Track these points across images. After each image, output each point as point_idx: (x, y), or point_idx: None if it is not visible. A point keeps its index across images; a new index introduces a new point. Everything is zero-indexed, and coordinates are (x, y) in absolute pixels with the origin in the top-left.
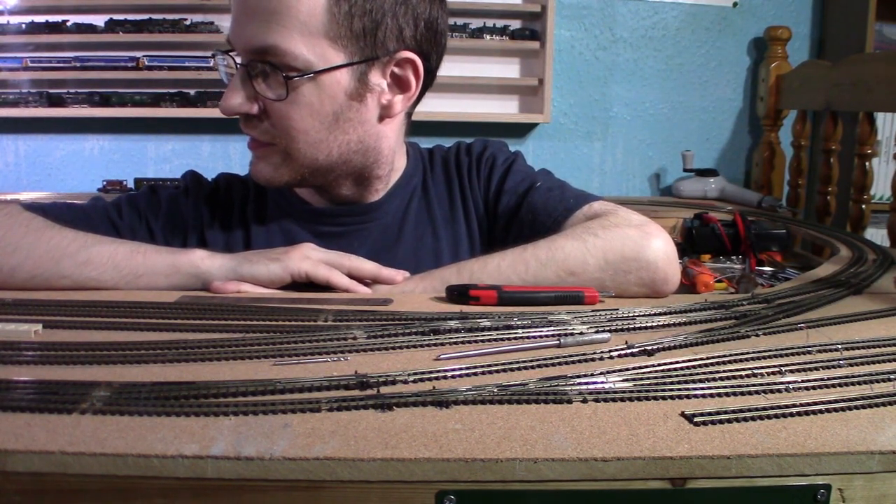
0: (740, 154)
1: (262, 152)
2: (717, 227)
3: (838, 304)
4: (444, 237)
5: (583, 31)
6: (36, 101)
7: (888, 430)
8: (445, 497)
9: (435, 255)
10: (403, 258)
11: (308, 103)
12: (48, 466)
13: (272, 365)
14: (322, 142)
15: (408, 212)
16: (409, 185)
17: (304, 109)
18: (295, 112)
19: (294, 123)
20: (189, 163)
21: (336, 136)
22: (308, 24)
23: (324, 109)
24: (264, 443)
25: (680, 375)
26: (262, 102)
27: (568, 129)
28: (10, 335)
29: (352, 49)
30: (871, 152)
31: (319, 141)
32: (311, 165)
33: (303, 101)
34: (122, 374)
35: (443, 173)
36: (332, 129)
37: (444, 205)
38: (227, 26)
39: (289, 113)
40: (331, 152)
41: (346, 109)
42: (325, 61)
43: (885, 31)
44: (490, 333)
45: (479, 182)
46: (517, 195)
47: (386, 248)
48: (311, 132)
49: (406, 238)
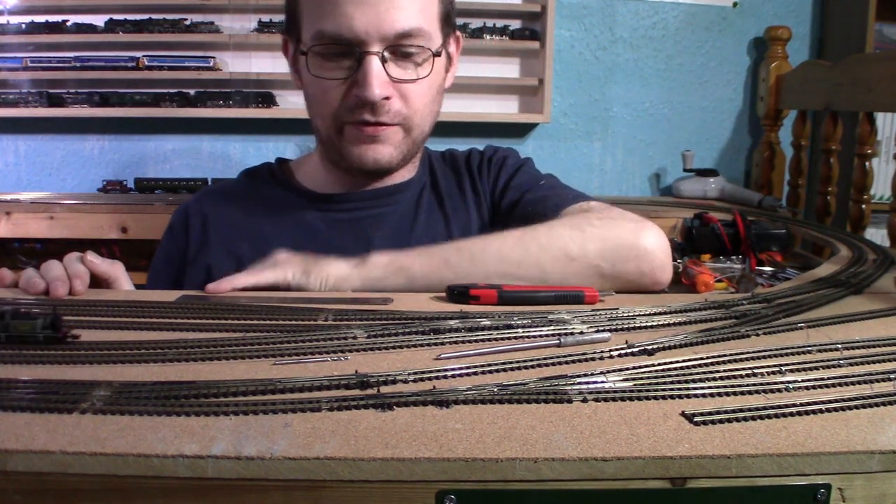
0: (740, 154)
1: (387, 133)
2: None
3: (838, 304)
4: (455, 229)
5: (583, 31)
6: (36, 101)
7: (888, 430)
8: (445, 497)
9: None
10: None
11: (434, 80)
12: (48, 466)
13: (272, 365)
14: (431, 114)
15: (420, 203)
16: (423, 177)
17: (433, 84)
18: (428, 89)
19: (425, 100)
20: (189, 163)
21: (435, 109)
22: (432, 8)
23: (437, 83)
24: (264, 442)
25: (680, 375)
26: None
27: (568, 129)
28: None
29: (443, 28)
30: (871, 152)
31: (431, 114)
32: (421, 140)
33: (434, 78)
34: (122, 374)
35: (452, 171)
36: (437, 101)
37: (454, 199)
38: (227, 26)
39: (423, 91)
40: (431, 125)
41: (442, 83)
42: (439, 39)
43: (885, 31)
44: (490, 333)
45: (488, 177)
46: (521, 191)
47: (401, 237)
48: (430, 105)
49: (419, 228)
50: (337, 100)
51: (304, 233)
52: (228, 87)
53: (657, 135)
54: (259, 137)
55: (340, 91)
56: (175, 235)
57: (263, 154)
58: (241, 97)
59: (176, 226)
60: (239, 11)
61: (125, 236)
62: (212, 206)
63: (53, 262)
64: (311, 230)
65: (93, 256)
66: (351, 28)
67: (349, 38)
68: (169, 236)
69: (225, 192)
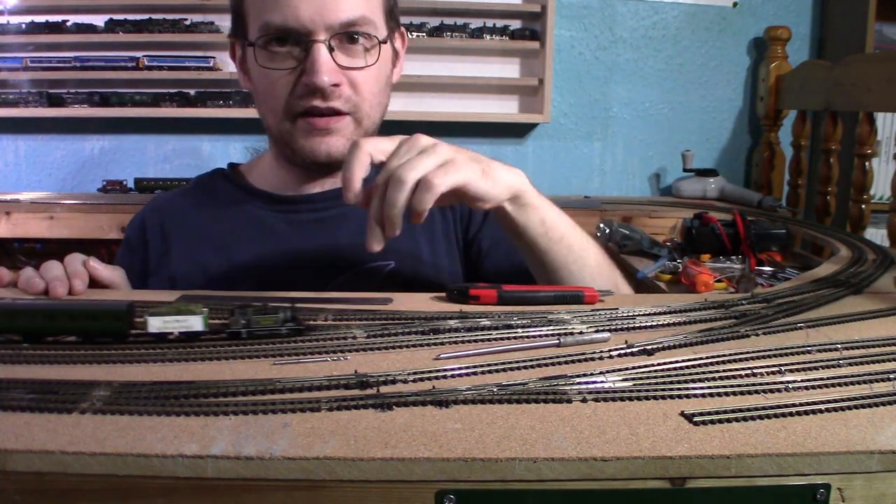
0: (740, 154)
1: (339, 125)
2: (716, 227)
3: (838, 304)
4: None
5: (583, 31)
6: (36, 101)
7: (888, 430)
8: (445, 497)
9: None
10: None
11: (380, 68)
12: (48, 466)
13: (272, 365)
14: (380, 105)
15: None
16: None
17: (380, 74)
18: (374, 77)
19: (373, 87)
20: (189, 163)
21: (383, 100)
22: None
23: (384, 73)
24: (264, 442)
25: (680, 375)
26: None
27: (568, 129)
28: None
29: (388, 21)
30: (870, 152)
31: (379, 104)
32: (372, 131)
33: (380, 66)
34: (122, 374)
35: None
36: (385, 93)
37: None
38: (227, 26)
39: (370, 78)
40: (380, 116)
41: (389, 74)
42: (384, 30)
43: (885, 31)
44: (490, 333)
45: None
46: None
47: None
48: (379, 95)
49: None
50: (286, 90)
51: (269, 237)
52: (228, 87)
53: (657, 135)
54: (259, 137)
55: (289, 81)
56: (132, 248)
57: (246, 154)
58: (241, 97)
59: (133, 238)
60: None
61: None
62: (168, 215)
63: (53, 261)
64: (275, 234)
65: (95, 262)
66: (297, 17)
67: (295, 28)
68: (126, 251)
69: (180, 200)
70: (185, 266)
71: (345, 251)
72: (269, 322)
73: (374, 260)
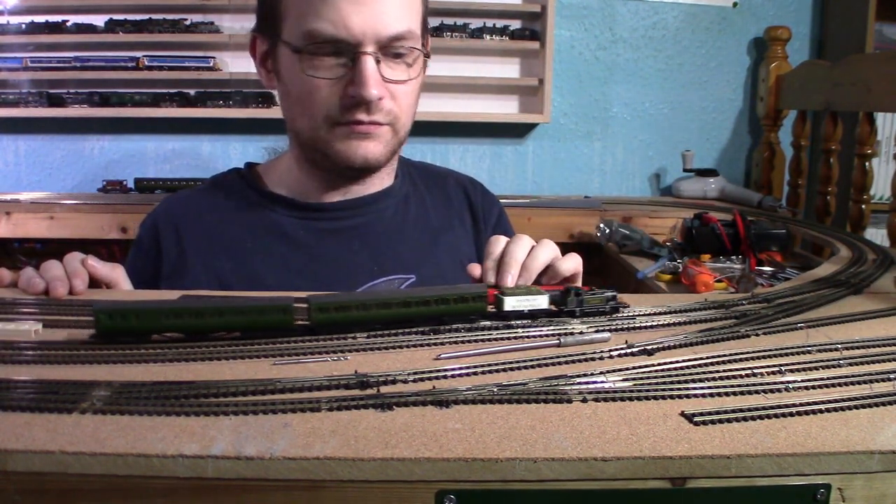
0: (740, 154)
1: (378, 131)
2: (717, 226)
3: (838, 304)
4: (441, 249)
5: (583, 31)
6: (36, 101)
7: (888, 430)
8: (445, 497)
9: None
10: (406, 259)
11: (418, 80)
12: (48, 466)
13: (272, 365)
14: (414, 114)
15: (406, 214)
16: (404, 186)
17: (417, 85)
18: (413, 89)
19: (411, 99)
20: (189, 163)
21: (417, 109)
22: (419, 12)
23: (420, 83)
24: (264, 442)
25: (680, 375)
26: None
27: (568, 129)
28: (10, 335)
29: (424, 32)
30: (871, 152)
31: (414, 113)
32: (404, 139)
33: (419, 78)
34: (122, 374)
35: (437, 188)
36: (418, 101)
37: (442, 218)
38: (227, 26)
39: (410, 91)
40: (412, 122)
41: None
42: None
43: (885, 31)
44: (490, 333)
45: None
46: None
47: (386, 247)
48: (415, 105)
49: (405, 240)
50: (329, 99)
51: (287, 245)
52: (228, 87)
53: (657, 135)
54: (259, 137)
55: (332, 91)
56: (145, 252)
57: (263, 154)
58: (241, 97)
59: (146, 241)
60: (239, 11)
61: (125, 236)
62: (182, 218)
63: (53, 261)
64: (294, 242)
65: (94, 261)
66: (348, 28)
67: (345, 38)
68: (138, 253)
69: (195, 202)
70: (200, 274)
71: (365, 262)
72: (596, 301)
73: (395, 273)
